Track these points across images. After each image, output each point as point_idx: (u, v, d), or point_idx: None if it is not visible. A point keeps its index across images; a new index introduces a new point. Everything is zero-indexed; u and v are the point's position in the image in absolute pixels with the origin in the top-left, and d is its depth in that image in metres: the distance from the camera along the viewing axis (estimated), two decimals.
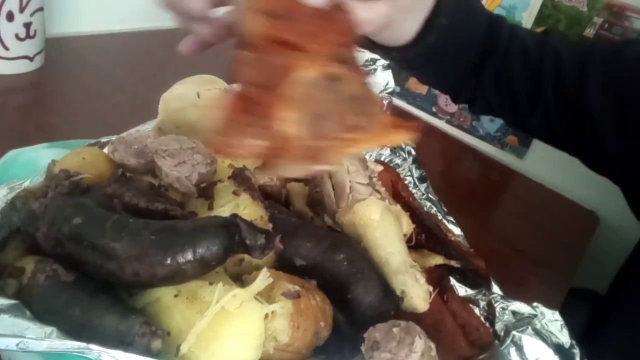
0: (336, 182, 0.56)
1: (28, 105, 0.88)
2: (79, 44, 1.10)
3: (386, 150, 0.81)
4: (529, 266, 0.95)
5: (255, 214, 0.49)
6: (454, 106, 1.36)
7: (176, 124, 0.58)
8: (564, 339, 0.51)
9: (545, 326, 0.53)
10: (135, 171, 0.52)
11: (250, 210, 0.49)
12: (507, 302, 0.57)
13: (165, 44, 1.26)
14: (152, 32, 1.24)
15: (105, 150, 0.55)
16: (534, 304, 0.55)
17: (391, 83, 0.82)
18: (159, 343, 0.37)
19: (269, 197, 0.60)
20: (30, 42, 0.91)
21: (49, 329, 0.35)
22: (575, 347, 0.51)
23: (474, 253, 0.62)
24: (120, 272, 0.39)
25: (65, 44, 1.06)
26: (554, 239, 1.07)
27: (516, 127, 0.80)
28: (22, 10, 0.87)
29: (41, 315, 0.37)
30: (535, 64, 0.70)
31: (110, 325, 0.37)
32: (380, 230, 0.52)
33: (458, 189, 1.13)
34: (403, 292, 0.49)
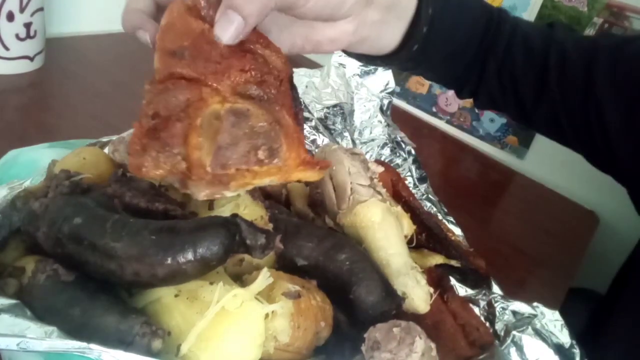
0: (337, 184, 0.55)
1: (28, 105, 0.88)
2: (79, 44, 1.10)
3: (386, 150, 0.81)
4: (529, 266, 0.95)
5: (255, 214, 0.49)
6: (454, 106, 1.36)
7: None
8: (564, 339, 0.52)
9: (545, 326, 0.53)
10: None
11: (250, 210, 0.49)
12: (507, 302, 0.57)
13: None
14: None
15: (106, 150, 0.55)
16: (534, 304, 0.55)
17: (391, 83, 0.82)
18: (160, 343, 0.37)
19: (269, 197, 0.60)
20: (30, 42, 0.91)
21: (49, 329, 0.35)
22: (576, 347, 0.51)
23: (474, 252, 0.62)
24: (121, 272, 0.39)
25: (65, 44, 1.07)
26: (554, 239, 1.07)
27: (521, 122, 0.79)
28: (23, 10, 0.87)
29: (41, 315, 0.37)
30: (540, 58, 0.69)
31: (111, 325, 0.37)
32: (381, 232, 0.52)
33: (458, 189, 1.14)
34: (404, 294, 0.49)
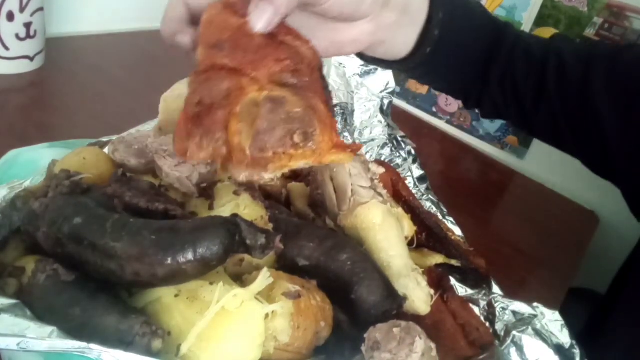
0: (338, 185, 0.55)
1: (28, 105, 0.88)
2: (79, 44, 1.10)
3: (386, 150, 0.81)
4: (529, 266, 0.95)
5: (255, 214, 0.49)
6: (454, 106, 1.36)
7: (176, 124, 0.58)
8: (564, 339, 0.52)
9: (545, 326, 0.53)
10: (136, 171, 0.52)
11: (250, 210, 0.49)
12: (507, 302, 0.57)
13: (165, 44, 1.27)
14: (152, 32, 1.24)
15: (106, 150, 0.55)
16: (534, 304, 0.55)
17: (392, 83, 0.82)
18: (160, 343, 0.37)
19: (269, 197, 0.60)
20: (30, 42, 0.91)
21: (49, 329, 0.35)
22: (576, 348, 0.51)
23: (474, 252, 0.62)
24: (121, 272, 0.39)
25: (65, 44, 1.07)
26: (554, 239, 1.07)
27: (522, 129, 0.81)
28: (23, 10, 0.87)
29: (42, 315, 0.37)
30: (540, 65, 0.71)
31: (111, 325, 0.37)
32: (382, 233, 0.52)
33: (458, 189, 1.14)
34: (405, 296, 0.49)
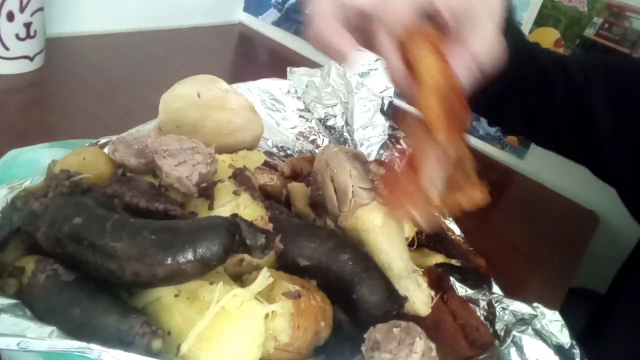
0: (338, 187, 0.55)
1: (28, 105, 0.88)
2: (79, 44, 1.10)
3: (386, 150, 0.81)
4: (529, 266, 0.95)
5: (255, 214, 0.49)
6: None
7: (176, 124, 0.58)
8: (564, 339, 0.52)
9: (545, 326, 0.53)
10: (136, 171, 0.52)
11: (250, 210, 0.49)
12: (507, 302, 0.57)
13: (165, 44, 1.27)
14: (152, 32, 1.24)
15: (106, 150, 0.55)
16: (534, 304, 0.55)
17: (391, 84, 0.82)
18: (160, 343, 0.37)
19: (269, 197, 0.60)
20: (30, 42, 0.91)
21: (49, 329, 0.35)
22: (576, 348, 0.51)
23: (474, 251, 0.62)
24: (121, 272, 0.39)
25: (65, 44, 1.06)
26: (554, 239, 1.06)
27: (527, 137, 0.85)
28: (22, 10, 0.87)
29: (41, 315, 0.37)
30: (549, 77, 0.73)
31: (111, 324, 0.37)
32: (382, 235, 0.52)
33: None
34: (406, 298, 0.50)
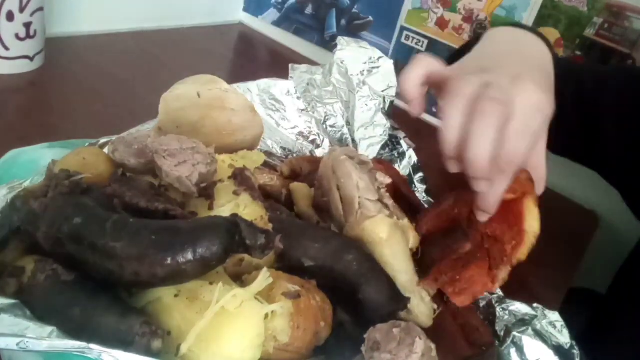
0: (345, 197, 0.55)
1: (28, 105, 0.88)
2: (79, 44, 1.10)
3: (386, 150, 0.81)
4: (529, 266, 0.95)
5: (255, 214, 0.49)
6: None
7: (176, 123, 0.58)
8: (564, 339, 0.52)
9: (545, 327, 0.53)
10: (136, 171, 0.52)
11: (250, 210, 0.49)
12: (507, 303, 0.57)
13: (165, 44, 1.27)
14: (152, 32, 1.24)
15: (105, 150, 0.55)
16: (534, 305, 0.55)
17: (393, 82, 0.82)
18: (159, 343, 0.37)
19: (269, 197, 0.60)
20: (30, 42, 0.91)
21: (49, 329, 0.35)
22: (575, 348, 0.51)
23: None
24: (120, 272, 0.39)
25: (65, 44, 1.06)
26: (554, 239, 1.06)
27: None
28: (22, 10, 0.87)
29: (41, 315, 0.37)
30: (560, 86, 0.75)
31: (111, 325, 0.37)
32: (388, 248, 0.52)
33: (458, 188, 1.13)
34: (408, 311, 0.50)
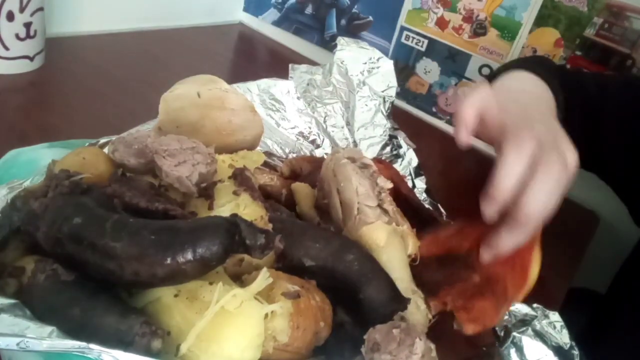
0: (344, 201, 0.55)
1: (28, 105, 0.88)
2: (79, 44, 1.10)
3: (386, 150, 0.81)
4: None
5: (255, 214, 0.49)
6: (454, 106, 1.35)
7: (176, 123, 0.58)
8: (564, 340, 0.52)
9: (545, 327, 0.53)
10: (136, 171, 0.52)
11: (250, 210, 0.49)
12: None
13: (165, 44, 1.27)
14: (152, 32, 1.24)
15: (105, 150, 0.55)
16: (534, 305, 0.55)
17: (393, 83, 0.82)
18: (159, 343, 0.37)
19: (269, 197, 0.60)
20: (30, 42, 0.91)
21: (49, 329, 0.35)
22: (575, 348, 0.51)
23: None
24: (120, 272, 0.39)
25: (65, 44, 1.06)
26: (554, 239, 1.06)
27: None
28: (22, 10, 0.87)
29: (41, 315, 0.37)
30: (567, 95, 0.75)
31: (111, 324, 0.37)
32: (385, 255, 0.52)
33: (458, 189, 1.13)
34: (403, 319, 0.49)
